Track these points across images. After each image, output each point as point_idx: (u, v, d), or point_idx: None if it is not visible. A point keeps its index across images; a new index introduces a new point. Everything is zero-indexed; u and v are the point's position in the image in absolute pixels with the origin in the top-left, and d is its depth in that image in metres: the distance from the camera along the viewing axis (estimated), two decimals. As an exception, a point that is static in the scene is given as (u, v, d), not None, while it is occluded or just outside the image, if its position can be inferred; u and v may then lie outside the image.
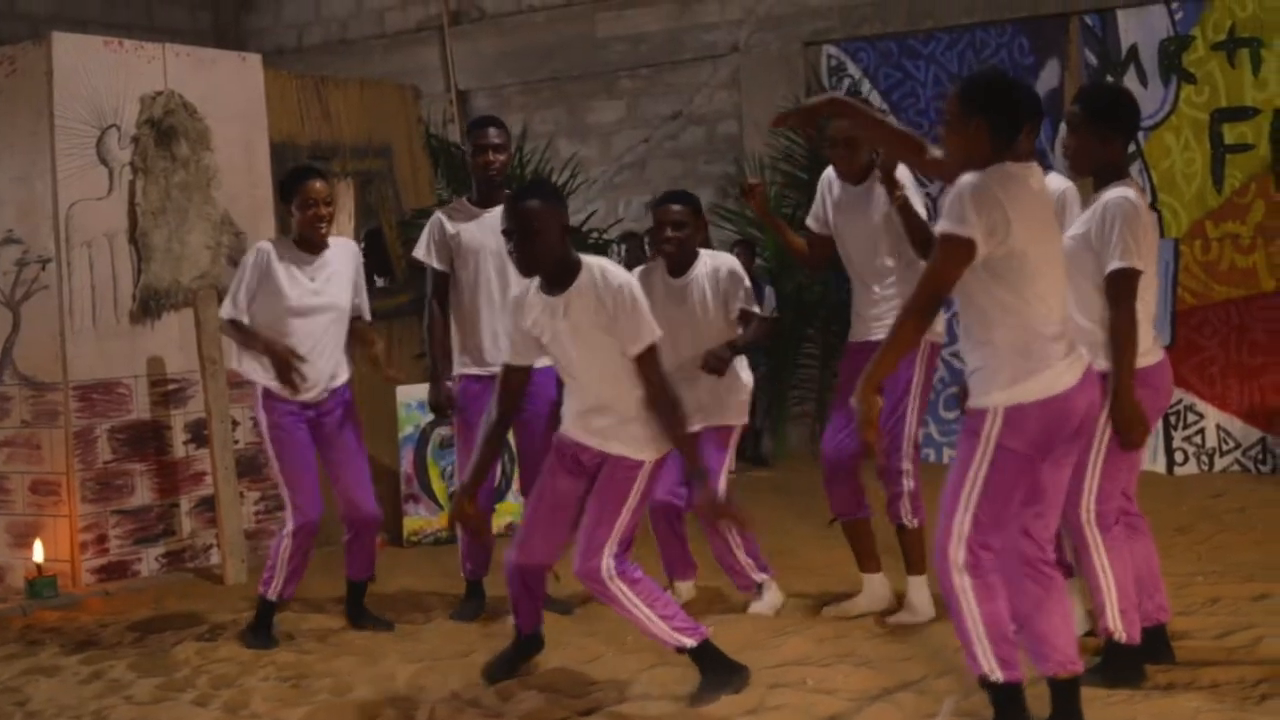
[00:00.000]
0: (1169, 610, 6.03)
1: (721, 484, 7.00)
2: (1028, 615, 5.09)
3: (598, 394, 5.85)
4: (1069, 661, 5.08)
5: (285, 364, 6.97)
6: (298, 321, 7.18)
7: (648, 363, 5.75)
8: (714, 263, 7.30)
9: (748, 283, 7.31)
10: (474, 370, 7.55)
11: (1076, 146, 5.79)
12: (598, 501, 5.82)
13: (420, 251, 7.64)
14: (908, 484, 6.98)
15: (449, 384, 7.54)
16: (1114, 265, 5.55)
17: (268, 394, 7.20)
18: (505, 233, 5.83)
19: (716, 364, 7.09)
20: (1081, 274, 5.61)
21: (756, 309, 7.32)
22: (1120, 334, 5.56)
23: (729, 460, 7.37)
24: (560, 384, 6.82)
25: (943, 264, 4.89)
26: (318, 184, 7.20)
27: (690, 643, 5.83)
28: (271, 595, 7.23)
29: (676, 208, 7.22)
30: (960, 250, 4.84)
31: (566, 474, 5.96)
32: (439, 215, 7.68)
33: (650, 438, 5.81)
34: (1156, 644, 5.87)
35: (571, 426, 5.97)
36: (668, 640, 5.83)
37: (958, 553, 4.96)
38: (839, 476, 7.15)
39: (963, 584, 4.97)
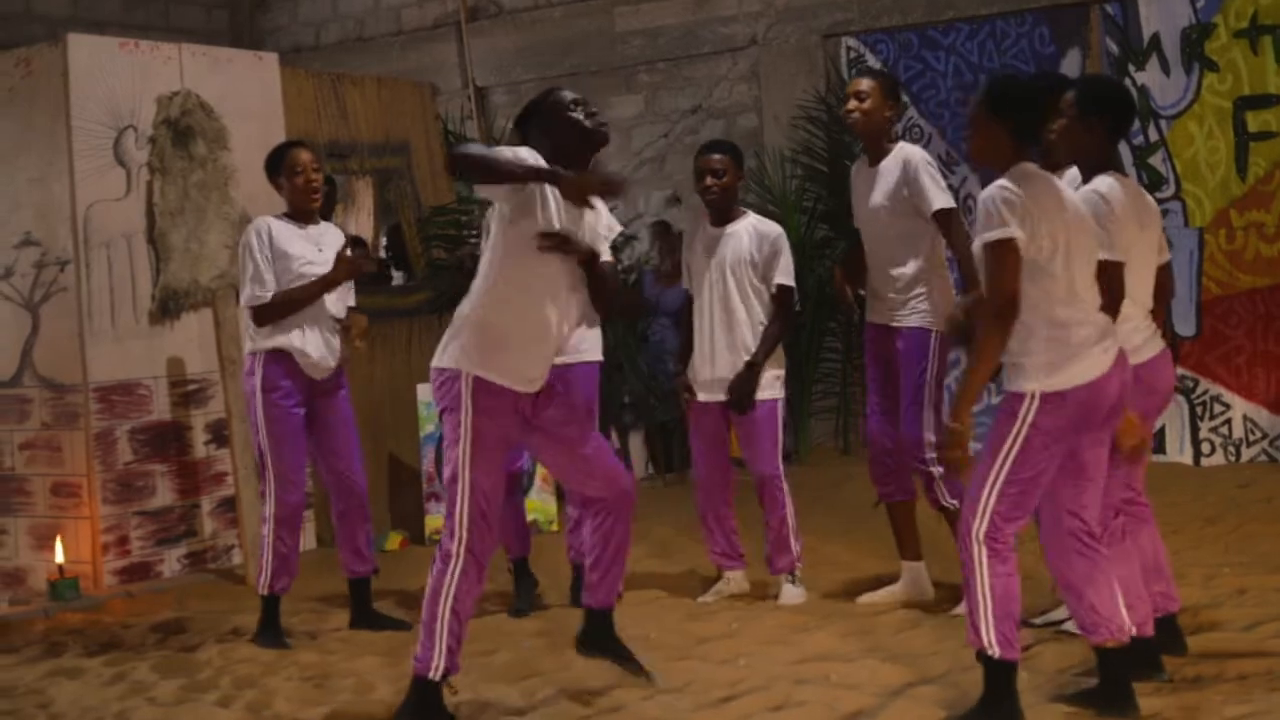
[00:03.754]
0: (1178, 600, 6.01)
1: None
2: (1077, 587, 5.26)
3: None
4: (1117, 631, 5.24)
5: (350, 261, 7.23)
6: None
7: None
8: (761, 226, 7.48)
9: (789, 254, 7.44)
10: None
11: (1059, 133, 5.78)
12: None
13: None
14: (937, 469, 6.99)
15: None
16: None
17: (273, 364, 7.15)
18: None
19: (743, 400, 7.30)
20: None
21: (792, 282, 7.37)
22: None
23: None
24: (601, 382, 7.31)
25: (999, 270, 5.05)
26: (303, 153, 7.24)
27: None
28: (262, 590, 7.19)
29: (716, 156, 7.49)
30: (1010, 252, 5.04)
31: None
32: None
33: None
34: (1165, 634, 5.83)
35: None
36: None
37: (980, 525, 5.13)
38: (881, 459, 7.25)
39: (980, 556, 5.14)
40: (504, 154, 5.42)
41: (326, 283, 7.19)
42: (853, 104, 7.13)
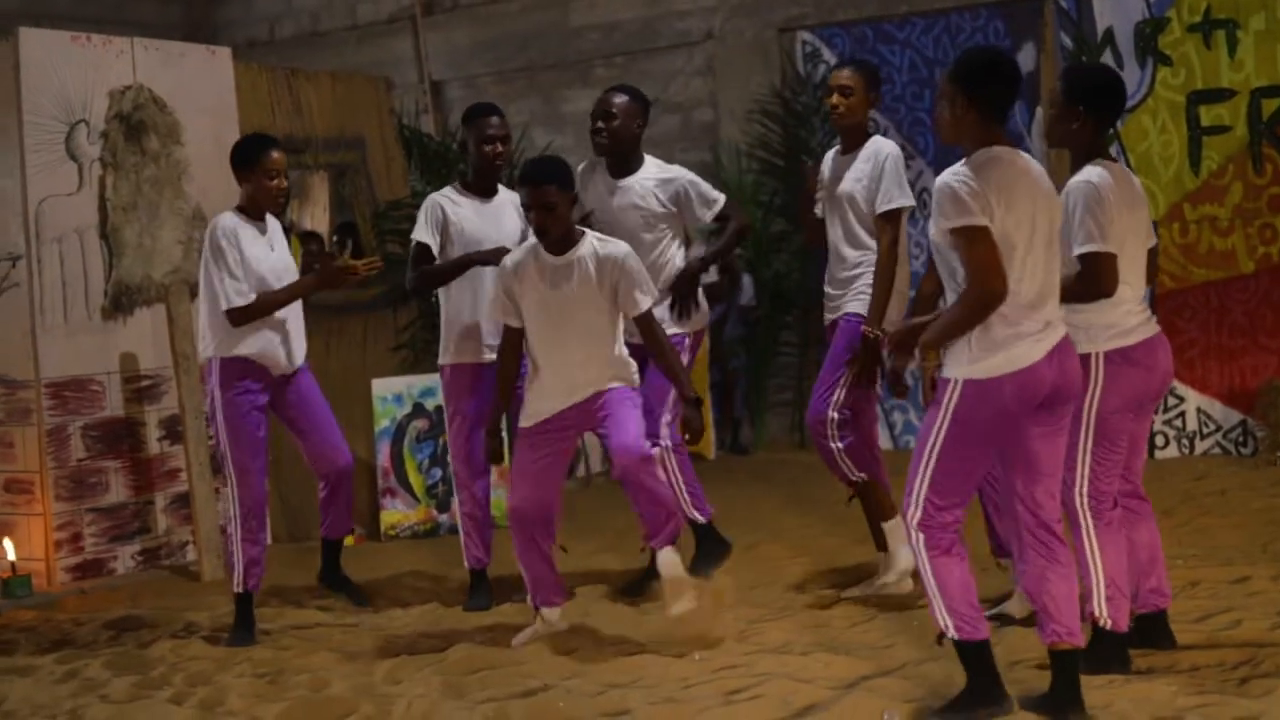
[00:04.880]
0: (1169, 596, 5.97)
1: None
2: (1032, 585, 5.15)
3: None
4: (1068, 633, 5.12)
5: (337, 270, 7.21)
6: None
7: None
8: (602, 249, 6.68)
9: (642, 272, 6.70)
10: (465, 359, 7.48)
11: (1051, 120, 5.79)
12: None
13: (424, 234, 7.44)
14: (836, 445, 7.02)
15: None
16: (1077, 250, 5.44)
17: (230, 369, 7.08)
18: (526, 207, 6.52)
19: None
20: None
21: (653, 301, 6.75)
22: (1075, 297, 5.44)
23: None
24: None
25: (980, 260, 4.92)
26: (276, 154, 7.16)
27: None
28: (238, 588, 7.15)
29: (547, 187, 6.52)
30: (983, 240, 4.91)
31: None
32: (437, 200, 7.54)
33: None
34: (1155, 629, 5.85)
35: None
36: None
37: (915, 512, 5.08)
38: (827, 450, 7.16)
39: (918, 541, 5.09)
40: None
41: (310, 287, 7.23)
42: (837, 99, 7.06)
